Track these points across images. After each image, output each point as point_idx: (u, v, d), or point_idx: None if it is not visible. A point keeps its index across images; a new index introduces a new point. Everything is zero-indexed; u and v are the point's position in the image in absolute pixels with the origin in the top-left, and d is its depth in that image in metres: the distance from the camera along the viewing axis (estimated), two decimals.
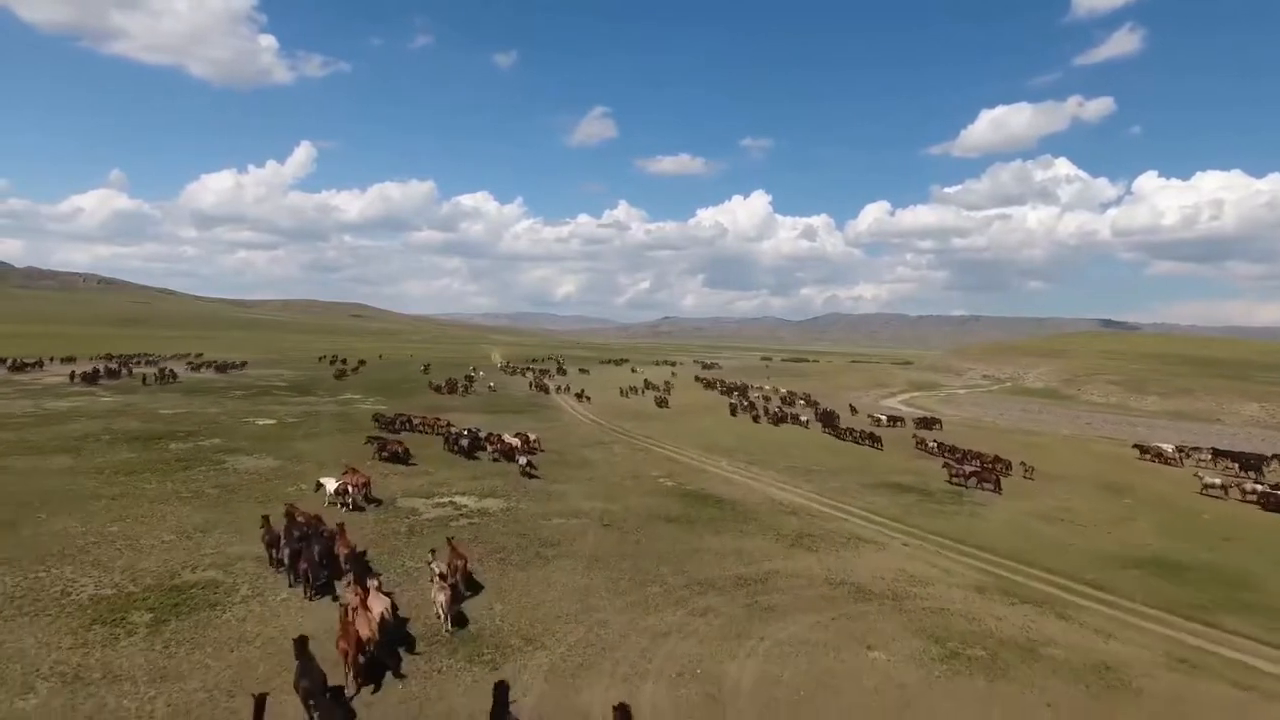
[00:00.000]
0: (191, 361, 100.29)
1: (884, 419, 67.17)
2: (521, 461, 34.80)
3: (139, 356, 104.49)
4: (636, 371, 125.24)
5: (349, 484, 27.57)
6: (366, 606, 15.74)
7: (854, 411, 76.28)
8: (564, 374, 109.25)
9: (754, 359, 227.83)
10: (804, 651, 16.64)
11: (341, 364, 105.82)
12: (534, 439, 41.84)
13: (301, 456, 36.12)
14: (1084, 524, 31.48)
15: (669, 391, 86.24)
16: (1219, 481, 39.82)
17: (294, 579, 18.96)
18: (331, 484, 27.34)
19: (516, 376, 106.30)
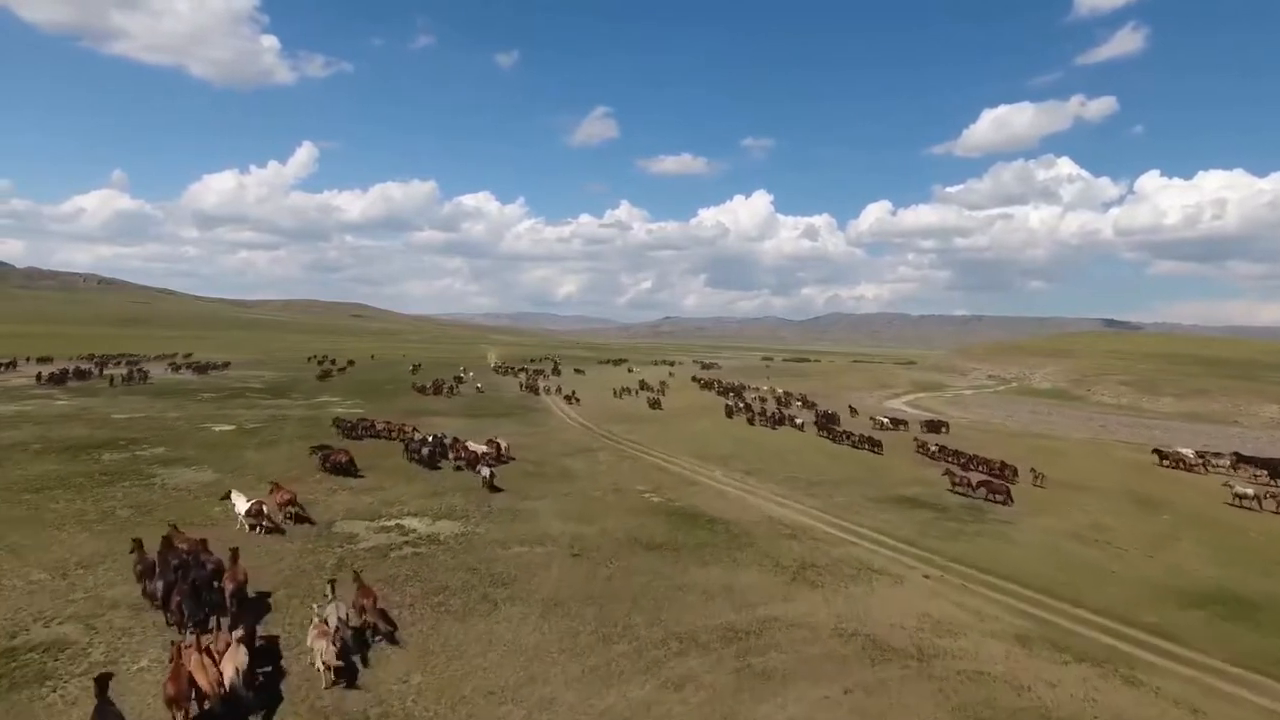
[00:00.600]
0: (174, 362, 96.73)
1: (886, 421, 63.34)
2: (484, 473, 31.10)
3: (121, 357, 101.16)
4: (633, 372, 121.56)
5: (275, 501, 23.95)
6: (213, 654, 12.59)
7: (854, 413, 72.33)
8: (558, 375, 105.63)
9: (755, 359, 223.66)
10: None
11: (331, 364, 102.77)
12: (505, 446, 38.20)
13: (246, 468, 32.45)
14: (1123, 546, 27.78)
15: (663, 392, 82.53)
16: (1251, 491, 36.42)
17: (169, 618, 15.57)
18: (242, 502, 23.18)
19: (509, 377, 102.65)
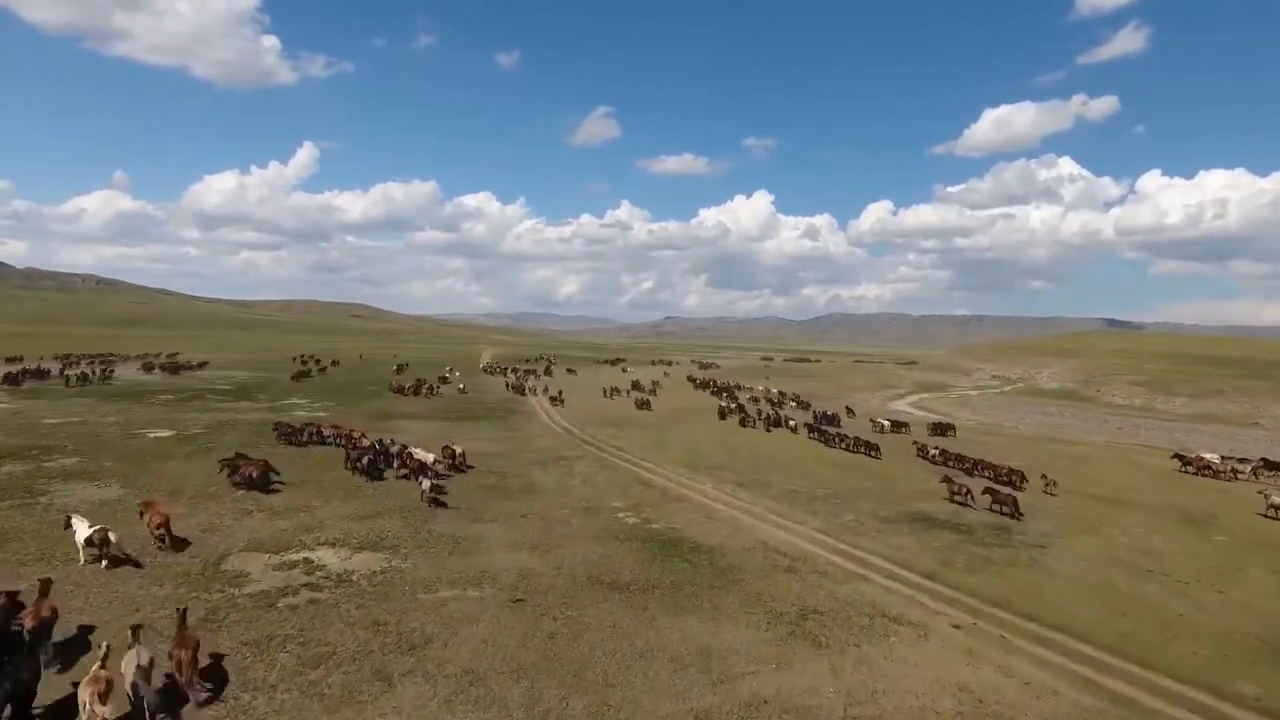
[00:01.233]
0: (148, 362, 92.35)
1: (887, 424, 59.17)
2: (424, 486, 26.85)
3: (99, 356, 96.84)
4: (627, 372, 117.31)
5: (147, 524, 19.72)
6: None
7: (850, 414, 67.81)
8: (550, 375, 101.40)
9: (755, 359, 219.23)
10: None
11: (315, 363, 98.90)
12: (460, 453, 33.91)
13: (159, 483, 28.00)
14: (1182, 577, 23.43)
15: (655, 393, 78.24)
16: None
17: None
18: (83, 527, 18.56)
19: (496, 377, 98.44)
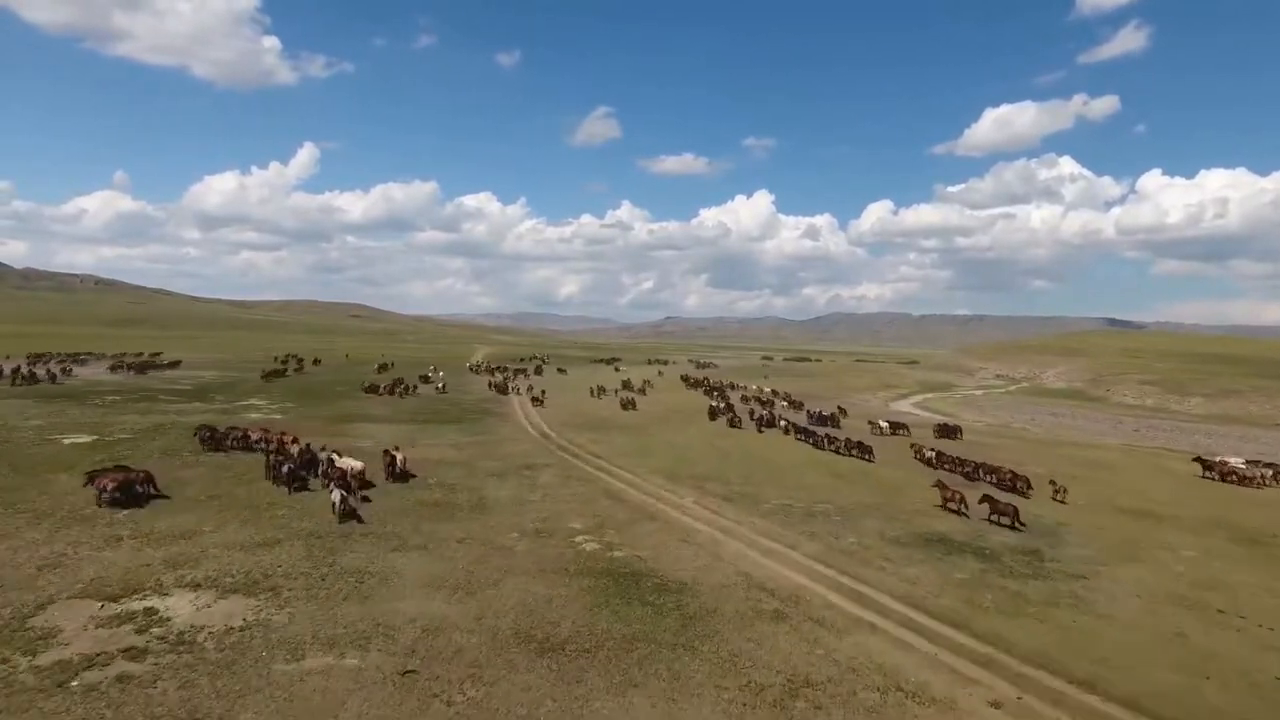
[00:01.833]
0: (119, 361, 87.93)
1: (885, 425, 54.71)
2: (334, 498, 22.78)
3: (70, 356, 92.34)
4: (620, 371, 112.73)
5: None
6: None
7: (844, 413, 62.55)
8: (540, 374, 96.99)
9: (755, 359, 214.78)
10: None
11: (297, 362, 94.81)
12: (401, 460, 29.68)
13: (41, 499, 23.66)
14: (1265, 620, 19.06)
15: (644, 392, 73.80)
16: None
17: None
18: None
19: (481, 376, 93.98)
